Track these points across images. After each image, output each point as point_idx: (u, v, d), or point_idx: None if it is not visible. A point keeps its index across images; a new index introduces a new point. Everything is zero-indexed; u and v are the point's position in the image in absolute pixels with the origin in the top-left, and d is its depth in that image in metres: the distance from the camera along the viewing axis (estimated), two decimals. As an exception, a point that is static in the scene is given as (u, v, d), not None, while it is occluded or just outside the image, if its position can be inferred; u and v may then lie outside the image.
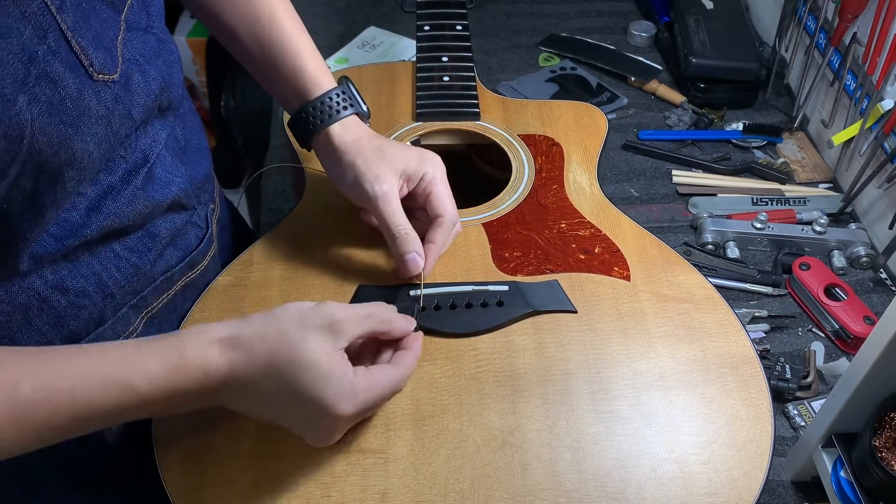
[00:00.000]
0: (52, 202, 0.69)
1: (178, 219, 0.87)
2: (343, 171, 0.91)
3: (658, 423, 0.81)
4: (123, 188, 0.77)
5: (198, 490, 0.76)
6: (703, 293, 0.92)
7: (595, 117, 1.16)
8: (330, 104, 0.92)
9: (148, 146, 0.80)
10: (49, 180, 0.67)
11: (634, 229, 0.99)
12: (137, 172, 0.78)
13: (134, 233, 0.82)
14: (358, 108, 0.94)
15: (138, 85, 0.75)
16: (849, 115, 1.21)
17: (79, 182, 0.71)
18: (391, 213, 0.89)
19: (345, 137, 0.92)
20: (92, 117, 0.69)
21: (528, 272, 0.94)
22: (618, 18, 1.60)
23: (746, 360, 0.86)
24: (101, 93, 0.69)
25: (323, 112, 0.92)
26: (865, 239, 1.15)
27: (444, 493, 0.75)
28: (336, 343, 0.71)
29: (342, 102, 0.93)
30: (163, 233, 0.85)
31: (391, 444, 0.79)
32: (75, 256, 0.77)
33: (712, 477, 0.77)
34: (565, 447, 0.79)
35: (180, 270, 0.89)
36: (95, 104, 0.69)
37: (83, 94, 0.67)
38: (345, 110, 0.93)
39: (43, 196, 0.68)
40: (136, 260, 0.82)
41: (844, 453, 0.83)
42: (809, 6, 1.30)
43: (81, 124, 0.68)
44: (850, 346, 1.04)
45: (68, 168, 0.68)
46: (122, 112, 0.73)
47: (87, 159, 0.70)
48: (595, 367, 0.85)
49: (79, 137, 0.68)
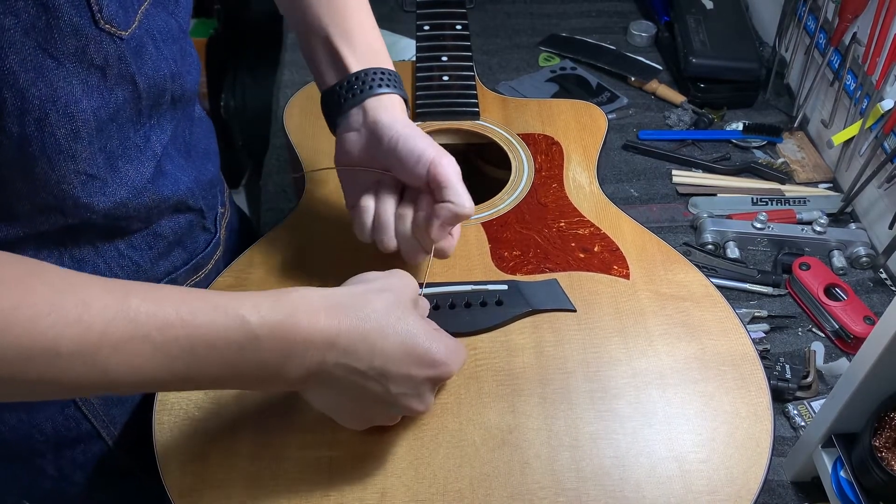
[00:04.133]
0: (42, 153, 0.68)
1: (182, 220, 0.87)
2: (380, 139, 0.84)
3: (657, 422, 0.81)
4: (136, 177, 0.77)
5: (198, 491, 0.76)
6: (702, 291, 0.92)
7: (594, 116, 1.16)
8: (372, 78, 0.87)
9: (157, 138, 0.79)
10: (36, 124, 0.66)
11: (634, 228, 0.99)
12: (148, 164, 0.78)
13: (138, 232, 0.82)
14: (401, 92, 0.89)
15: (150, 56, 0.74)
16: (849, 115, 1.21)
17: (73, 136, 0.69)
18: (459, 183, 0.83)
19: (380, 114, 0.86)
20: (85, 62, 0.68)
21: (527, 271, 0.94)
22: (618, 18, 1.60)
23: (746, 359, 0.86)
24: (103, 42, 0.68)
25: (365, 83, 0.86)
26: (865, 239, 1.15)
27: (443, 493, 0.75)
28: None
29: (384, 80, 0.87)
30: (167, 233, 0.85)
31: (390, 444, 0.79)
32: (82, 255, 0.77)
33: (711, 475, 0.77)
34: (564, 446, 0.79)
35: (185, 273, 0.89)
36: (93, 51, 0.68)
37: (80, 34, 0.66)
38: (386, 86, 0.87)
39: (31, 143, 0.67)
40: (137, 258, 0.83)
41: (844, 453, 0.83)
42: (809, 6, 1.30)
43: (69, 63, 0.66)
44: (850, 346, 1.03)
45: (52, 109, 0.67)
46: (123, 72, 0.71)
47: (74, 107, 0.68)
48: (594, 365, 0.85)
49: (61, 75, 0.66)
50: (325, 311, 0.66)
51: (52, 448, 0.84)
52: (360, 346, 0.67)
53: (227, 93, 2.05)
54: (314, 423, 0.80)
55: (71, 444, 0.85)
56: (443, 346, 0.71)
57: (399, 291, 0.72)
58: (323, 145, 1.11)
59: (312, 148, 1.11)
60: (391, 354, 0.68)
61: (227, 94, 2.05)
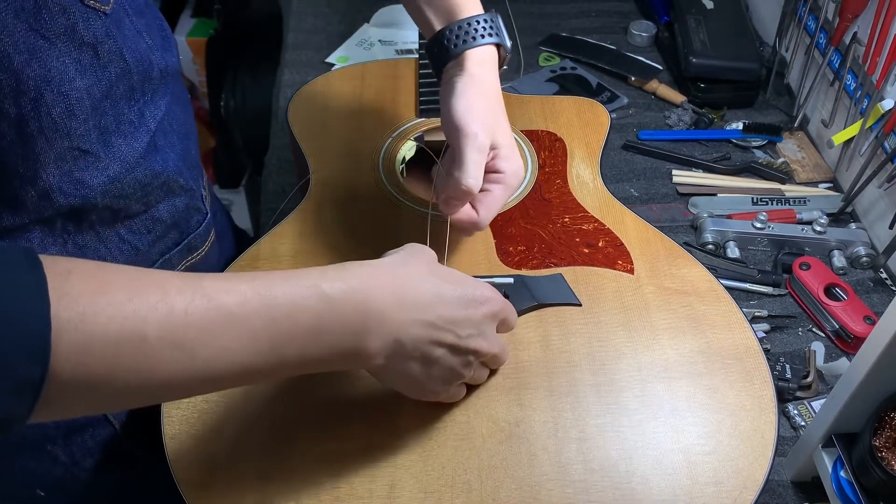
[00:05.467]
0: (40, 132, 0.68)
1: (179, 203, 0.88)
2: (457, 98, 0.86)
3: (663, 414, 0.81)
4: (129, 153, 0.78)
5: (207, 483, 0.76)
6: (706, 286, 0.93)
7: (597, 113, 1.16)
8: (476, 27, 0.89)
9: (151, 115, 0.80)
10: (32, 104, 0.67)
11: (637, 223, 1.00)
12: (141, 140, 0.79)
13: (137, 216, 0.83)
14: (502, 39, 0.91)
15: (129, 30, 0.75)
16: (849, 115, 1.22)
17: (69, 114, 0.70)
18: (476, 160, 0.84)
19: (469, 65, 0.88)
20: (76, 41, 0.68)
21: (532, 266, 0.94)
22: (618, 18, 1.60)
23: (750, 352, 0.86)
24: (91, 19, 0.69)
25: (468, 34, 0.88)
26: (865, 239, 1.15)
27: (451, 485, 0.76)
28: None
29: (487, 29, 0.89)
30: (165, 217, 0.86)
31: (399, 436, 0.79)
32: (85, 241, 0.78)
33: (717, 467, 0.77)
34: (571, 438, 0.79)
35: (179, 253, 0.90)
36: (82, 28, 0.69)
37: (68, 12, 0.67)
38: (489, 37, 0.89)
39: (29, 124, 0.67)
40: (136, 242, 0.84)
41: (844, 453, 0.83)
42: (809, 6, 1.30)
43: (60, 42, 0.67)
44: (850, 346, 1.04)
45: (47, 89, 0.67)
46: (112, 49, 0.72)
47: (68, 85, 0.69)
48: (600, 359, 0.85)
49: (54, 54, 0.67)
50: (383, 277, 0.68)
51: (62, 433, 0.84)
52: (423, 300, 0.70)
53: (227, 93, 2.05)
54: (323, 415, 0.80)
55: (80, 428, 0.85)
56: (482, 285, 0.75)
57: (424, 255, 0.75)
58: (327, 141, 1.11)
59: (317, 143, 1.11)
60: (449, 300, 0.71)
61: (227, 94, 2.05)
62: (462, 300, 0.72)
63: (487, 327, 0.75)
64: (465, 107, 0.85)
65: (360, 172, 1.06)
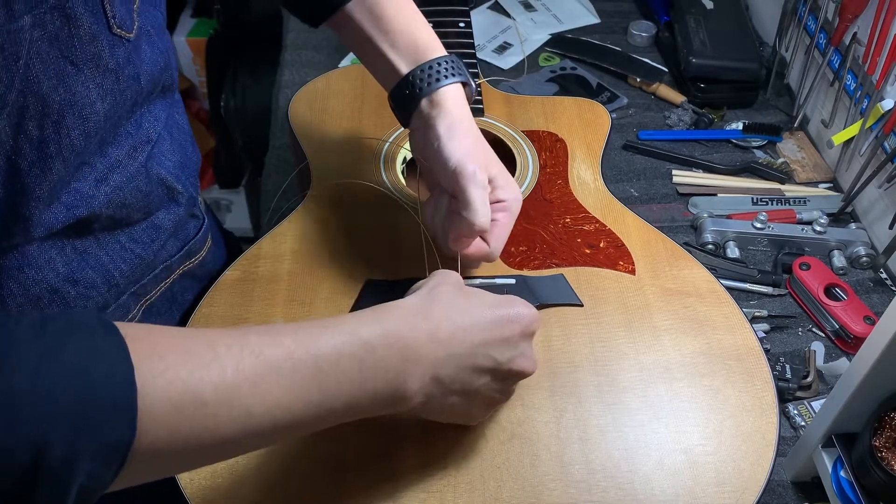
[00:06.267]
0: (59, 154, 0.69)
1: (179, 210, 0.88)
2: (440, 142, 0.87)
3: (665, 415, 0.81)
4: (129, 163, 0.78)
5: (210, 489, 0.76)
6: (707, 287, 0.93)
7: (598, 113, 1.16)
8: (441, 68, 0.89)
9: (151, 125, 0.81)
10: (54, 127, 0.68)
11: (639, 224, 1.00)
12: (142, 149, 0.80)
13: (138, 224, 0.83)
14: (456, 78, 0.90)
15: (146, 54, 0.76)
16: (849, 115, 1.22)
17: (85, 136, 0.71)
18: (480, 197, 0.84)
19: (433, 113, 0.88)
20: (100, 67, 0.69)
21: (533, 266, 0.94)
22: (618, 18, 1.60)
23: (751, 353, 0.87)
24: (116, 47, 0.71)
25: (434, 74, 0.88)
26: (865, 239, 1.16)
27: (453, 485, 0.76)
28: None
29: (433, 75, 0.89)
30: (166, 224, 0.86)
31: (399, 438, 0.79)
32: (85, 247, 0.78)
33: (719, 467, 0.77)
34: (573, 438, 0.79)
35: (179, 259, 0.90)
36: (108, 55, 0.70)
37: (97, 40, 0.68)
38: (455, 76, 0.89)
39: (49, 146, 0.68)
40: (140, 251, 0.84)
41: (844, 453, 0.83)
42: (809, 6, 1.30)
43: (86, 68, 0.68)
44: (850, 346, 1.04)
45: (69, 112, 0.68)
46: (131, 73, 0.74)
47: (89, 109, 0.70)
48: (602, 359, 0.86)
49: (80, 80, 0.68)
50: (413, 315, 0.68)
51: None
52: (456, 333, 0.69)
53: (227, 93, 2.05)
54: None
55: None
56: (513, 302, 0.74)
57: (450, 282, 0.75)
58: (328, 140, 1.11)
59: (318, 142, 1.11)
60: (483, 325, 0.71)
61: (227, 94, 2.05)
62: (495, 322, 0.71)
63: (525, 344, 0.74)
64: (458, 148, 0.85)
65: (360, 172, 1.06)
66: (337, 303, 0.91)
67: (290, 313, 0.90)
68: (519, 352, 0.73)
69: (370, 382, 0.64)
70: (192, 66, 2.17)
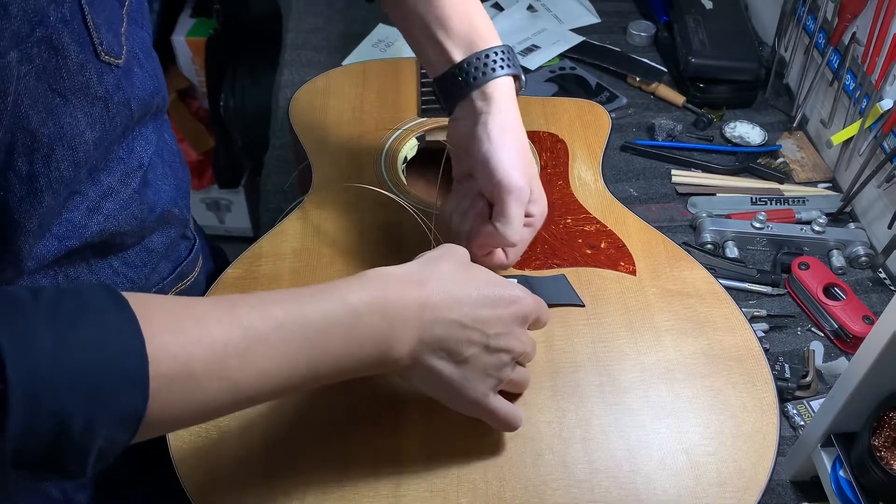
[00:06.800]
0: (48, 187, 0.68)
1: (172, 232, 0.87)
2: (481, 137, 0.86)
3: (666, 415, 0.82)
4: (122, 190, 0.77)
5: (213, 485, 0.76)
6: (707, 288, 0.93)
7: (598, 114, 1.17)
8: (495, 58, 0.87)
9: (143, 149, 0.80)
10: (43, 161, 0.66)
11: (639, 225, 1.00)
12: (134, 175, 0.78)
13: (131, 248, 0.82)
14: (507, 71, 0.87)
15: (138, 77, 0.75)
16: (848, 115, 1.22)
17: (74, 167, 0.69)
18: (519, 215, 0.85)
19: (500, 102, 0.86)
20: (89, 96, 0.68)
21: (535, 266, 0.95)
22: (617, 18, 1.60)
23: (751, 354, 0.87)
24: (104, 74, 0.69)
25: (487, 65, 0.86)
26: (864, 238, 1.16)
27: (456, 484, 0.76)
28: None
29: (506, 60, 0.87)
30: (158, 247, 0.86)
31: (403, 436, 0.79)
32: (77, 274, 0.77)
33: (720, 467, 0.78)
34: (576, 438, 0.79)
35: (171, 282, 0.90)
36: (96, 83, 0.69)
37: (85, 69, 0.67)
38: (508, 68, 0.87)
39: (39, 180, 0.67)
40: (132, 275, 0.83)
41: (844, 453, 0.83)
42: (809, 6, 1.31)
43: (75, 98, 0.67)
44: (850, 346, 1.04)
45: (59, 145, 0.67)
46: (121, 100, 0.72)
47: (78, 139, 0.69)
48: (603, 359, 0.86)
49: (68, 111, 0.67)
50: (405, 282, 0.70)
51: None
52: (447, 300, 0.70)
53: (227, 93, 2.05)
54: (328, 415, 0.80)
55: None
56: (513, 285, 0.76)
57: (456, 254, 0.76)
58: (328, 139, 1.11)
59: (318, 141, 1.11)
60: (476, 300, 0.72)
61: (227, 94, 2.05)
62: (489, 300, 0.73)
63: (517, 327, 0.75)
64: (507, 158, 0.84)
65: (361, 171, 1.06)
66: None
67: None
68: (509, 330, 0.74)
69: (357, 348, 0.66)
70: (191, 65, 2.17)
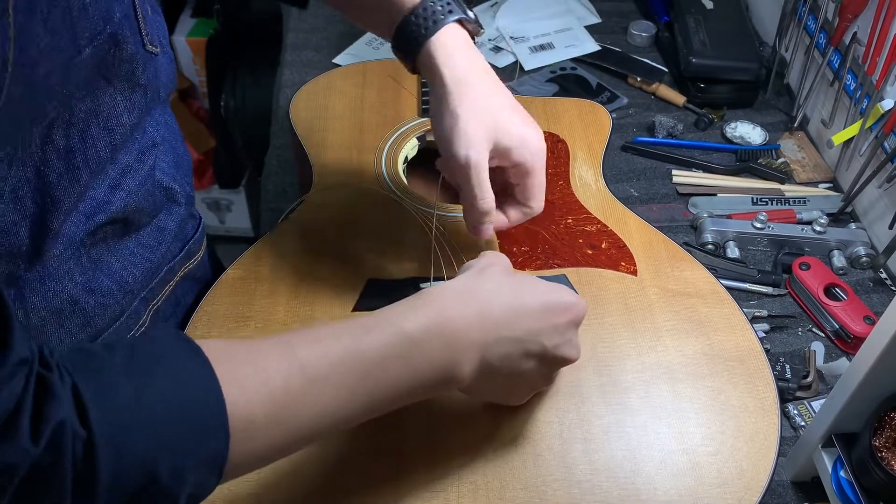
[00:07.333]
0: (85, 164, 0.70)
1: (181, 211, 0.89)
2: (442, 116, 0.82)
3: (667, 415, 0.82)
4: (139, 167, 0.79)
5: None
6: (708, 288, 0.93)
7: (599, 115, 1.17)
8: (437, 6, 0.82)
9: (154, 129, 0.82)
10: (79, 136, 0.69)
11: (640, 225, 1.00)
12: (150, 153, 0.80)
13: (145, 228, 0.84)
14: (464, 12, 0.83)
15: (164, 64, 0.78)
16: (849, 115, 1.22)
17: (109, 147, 0.72)
18: (478, 184, 0.81)
19: (455, 62, 0.82)
20: (132, 83, 0.72)
21: (535, 266, 0.95)
22: (618, 18, 1.60)
23: (753, 354, 0.87)
24: (147, 63, 0.73)
25: (427, 19, 0.81)
26: (865, 239, 1.16)
27: (457, 484, 0.76)
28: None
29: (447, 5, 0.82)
30: (169, 226, 0.87)
31: (404, 436, 0.79)
32: (98, 255, 0.78)
33: (721, 468, 0.78)
34: (576, 439, 0.79)
35: (180, 261, 0.91)
36: (140, 72, 0.72)
37: (134, 59, 0.70)
38: (449, 14, 0.82)
39: (76, 155, 0.69)
40: (148, 255, 0.84)
41: (844, 453, 0.83)
42: (809, 6, 1.30)
43: (118, 82, 0.70)
44: (850, 346, 1.04)
45: (94, 121, 0.69)
46: (156, 86, 0.76)
47: (115, 121, 0.71)
48: (604, 360, 0.86)
49: (108, 92, 0.70)
50: (462, 298, 0.69)
51: None
52: (506, 316, 0.70)
53: (227, 93, 2.05)
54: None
55: None
56: (563, 289, 0.76)
57: (498, 265, 0.75)
58: (329, 139, 1.11)
59: (319, 141, 1.11)
60: (532, 312, 0.72)
61: (227, 94, 2.05)
62: (544, 309, 0.72)
63: (572, 333, 0.75)
64: (452, 125, 0.81)
65: (362, 171, 1.06)
66: (339, 301, 0.91)
67: (293, 311, 0.90)
68: (566, 339, 0.74)
69: (417, 375, 0.66)
70: (191, 65, 2.17)
